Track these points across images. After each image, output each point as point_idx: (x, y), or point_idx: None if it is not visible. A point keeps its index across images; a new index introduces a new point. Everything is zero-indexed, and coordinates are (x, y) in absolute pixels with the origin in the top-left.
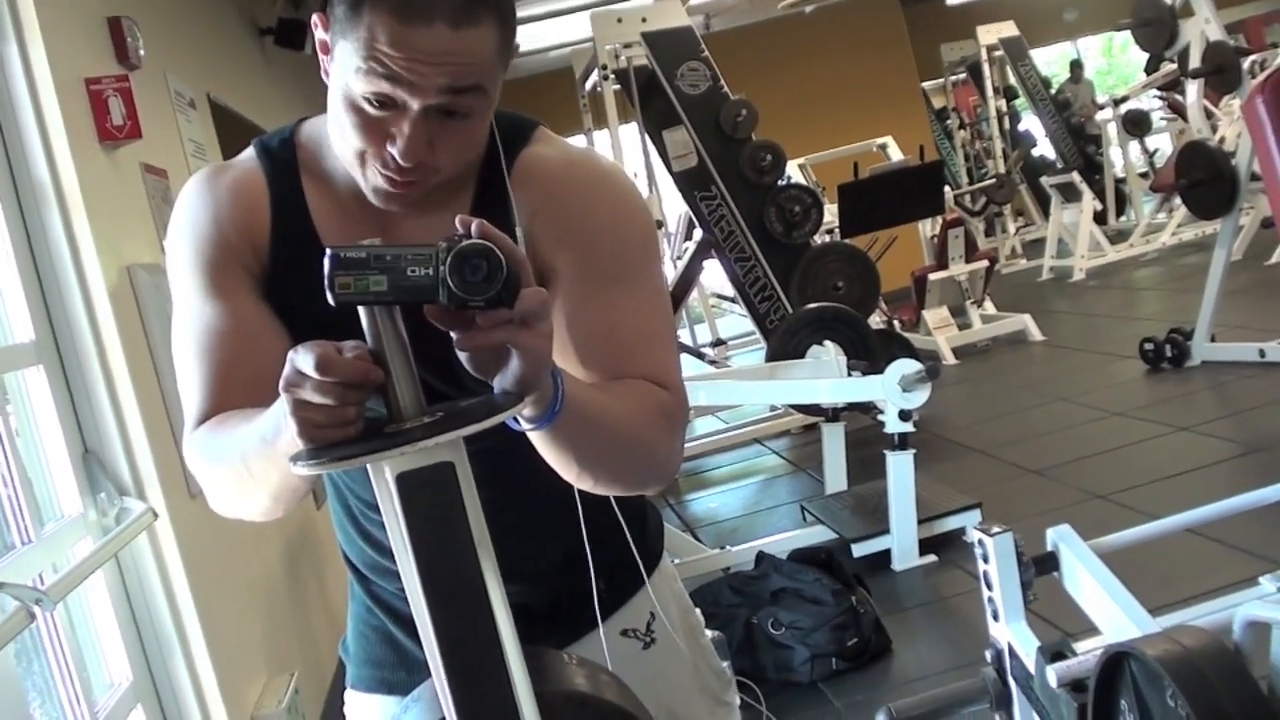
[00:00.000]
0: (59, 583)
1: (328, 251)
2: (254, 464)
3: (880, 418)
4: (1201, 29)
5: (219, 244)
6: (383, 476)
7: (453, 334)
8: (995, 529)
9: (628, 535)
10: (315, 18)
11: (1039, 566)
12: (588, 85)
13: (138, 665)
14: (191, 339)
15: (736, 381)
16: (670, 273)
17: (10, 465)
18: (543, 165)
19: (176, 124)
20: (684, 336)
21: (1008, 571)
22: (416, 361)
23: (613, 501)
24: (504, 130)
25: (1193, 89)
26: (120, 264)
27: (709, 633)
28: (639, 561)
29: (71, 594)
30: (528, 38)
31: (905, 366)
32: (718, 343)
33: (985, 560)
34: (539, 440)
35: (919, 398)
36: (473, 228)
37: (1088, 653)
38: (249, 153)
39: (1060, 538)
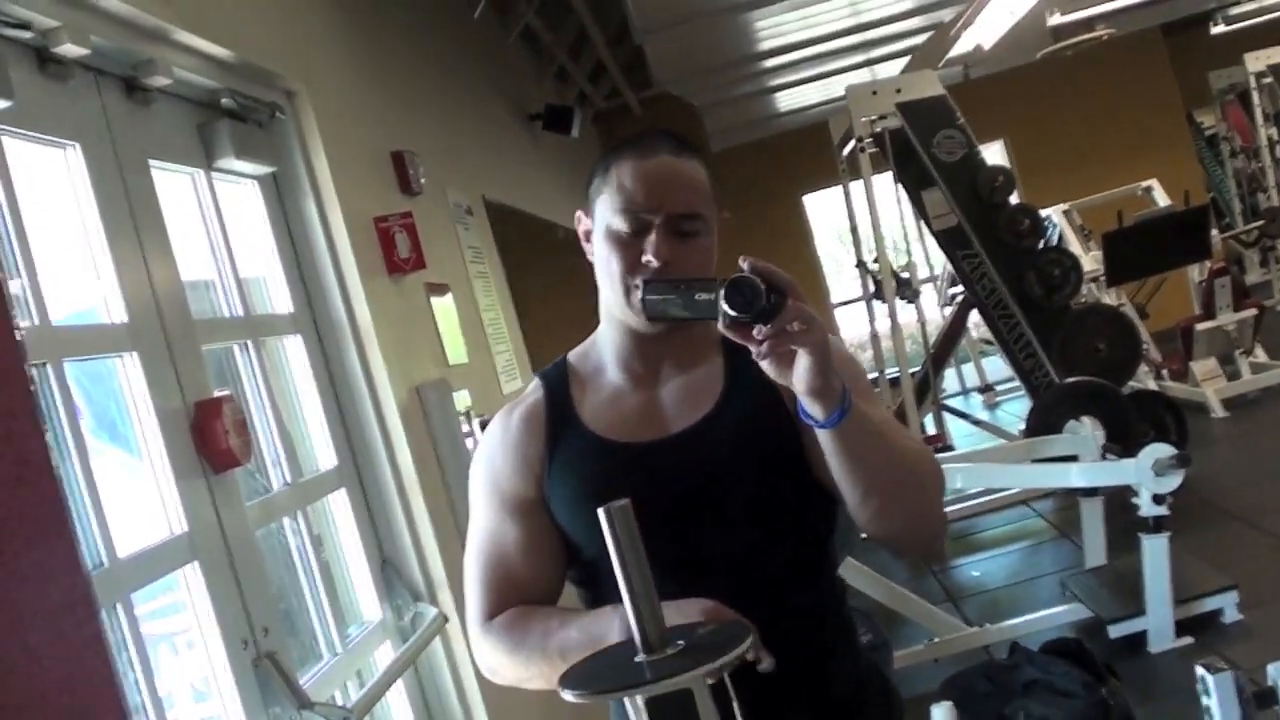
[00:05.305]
0: (364, 697)
1: (642, 283)
2: (572, 655)
3: (1135, 500)
4: None
5: (507, 471)
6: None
7: (747, 344)
8: (1218, 666)
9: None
10: (578, 214)
11: (1260, 702)
12: (844, 152)
13: None
14: (479, 546)
15: (990, 465)
16: (939, 320)
17: (317, 578)
18: None
19: (456, 235)
20: (951, 378)
21: (1228, 710)
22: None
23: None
24: None
25: None
26: (409, 385)
27: None
28: None
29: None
30: (786, 100)
31: (1159, 450)
32: (986, 388)
33: (1207, 695)
34: (828, 442)
35: (1172, 482)
36: (745, 264)
37: None
38: (534, 383)
39: None
